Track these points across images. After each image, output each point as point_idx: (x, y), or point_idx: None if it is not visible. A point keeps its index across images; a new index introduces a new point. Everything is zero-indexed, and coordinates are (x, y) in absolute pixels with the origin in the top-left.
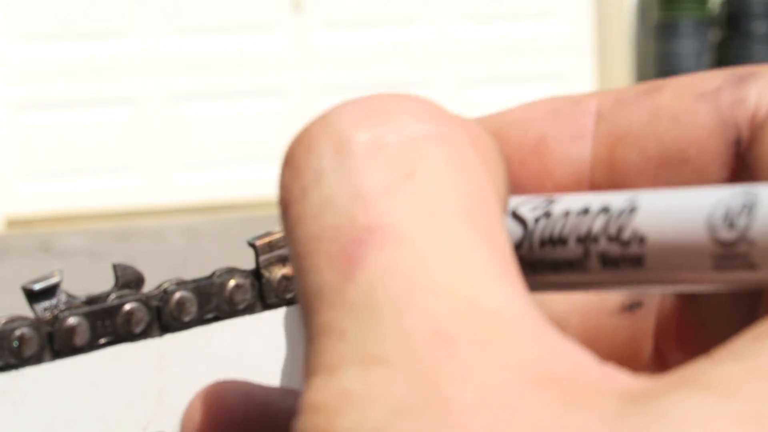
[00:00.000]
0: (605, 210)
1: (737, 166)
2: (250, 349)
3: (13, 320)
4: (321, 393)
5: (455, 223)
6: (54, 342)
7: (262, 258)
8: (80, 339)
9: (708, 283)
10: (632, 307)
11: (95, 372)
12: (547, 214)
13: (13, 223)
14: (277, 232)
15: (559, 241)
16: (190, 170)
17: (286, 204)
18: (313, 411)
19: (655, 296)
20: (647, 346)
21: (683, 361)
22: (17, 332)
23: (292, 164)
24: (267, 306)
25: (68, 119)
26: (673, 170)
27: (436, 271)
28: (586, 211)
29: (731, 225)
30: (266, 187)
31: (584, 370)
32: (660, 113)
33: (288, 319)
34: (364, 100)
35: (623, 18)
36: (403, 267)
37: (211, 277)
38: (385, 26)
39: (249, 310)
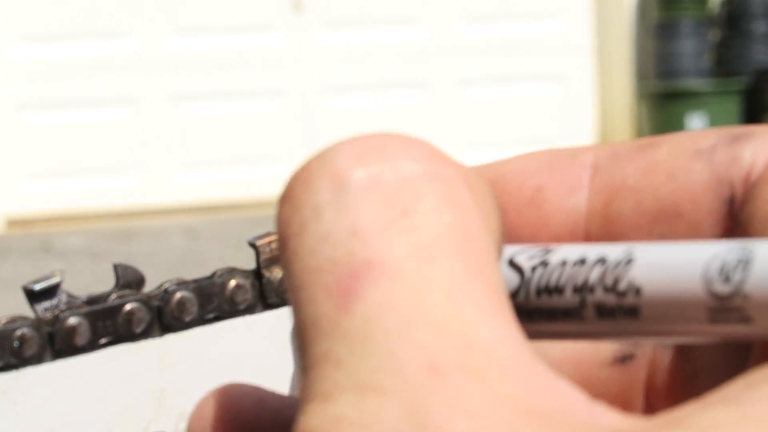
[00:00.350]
0: (602, 261)
1: (730, 224)
2: (251, 349)
3: (13, 320)
4: (315, 418)
5: (449, 259)
6: (55, 342)
7: (262, 258)
8: (81, 339)
9: (702, 335)
10: (624, 359)
11: (96, 372)
12: (544, 264)
13: (13, 223)
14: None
15: (556, 290)
16: (190, 170)
17: (284, 238)
18: None
19: (647, 350)
20: (638, 400)
21: None
22: (18, 332)
23: (290, 199)
24: (268, 306)
25: (68, 119)
26: (667, 225)
27: (431, 306)
28: (582, 262)
29: (727, 279)
30: (266, 187)
31: (575, 407)
32: (656, 168)
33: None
34: (362, 139)
35: (623, 18)
36: (398, 301)
37: (211, 277)
38: (385, 26)
39: (250, 310)
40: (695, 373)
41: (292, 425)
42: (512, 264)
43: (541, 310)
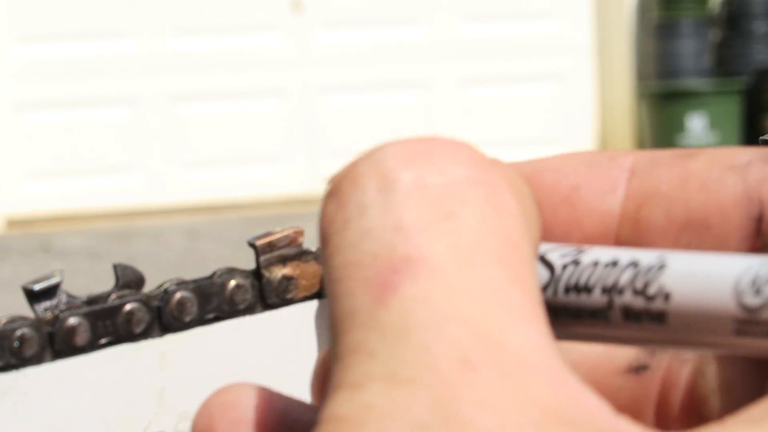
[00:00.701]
0: (634, 264)
1: (758, 242)
2: (251, 349)
3: (13, 320)
4: (344, 406)
5: (489, 263)
6: (54, 342)
7: (262, 258)
8: (81, 339)
9: (726, 347)
10: (639, 369)
11: (96, 372)
12: (576, 262)
13: (13, 223)
14: (277, 232)
15: (585, 289)
16: (190, 170)
17: (327, 234)
18: (334, 422)
19: (663, 363)
20: (648, 412)
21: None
22: (18, 332)
23: (336, 197)
24: (267, 306)
25: (68, 119)
26: (694, 235)
27: (467, 306)
28: (614, 264)
29: (758, 291)
30: (266, 187)
31: (600, 417)
32: (690, 178)
33: (318, 315)
34: (411, 142)
35: (623, 18)
36: (435, 298)
37: (211, 277)
38: (385, 26)
39: (249, 310)
40: (711, 393)
41: (297, 428)
42: (543, 260)
43: (568, 309)
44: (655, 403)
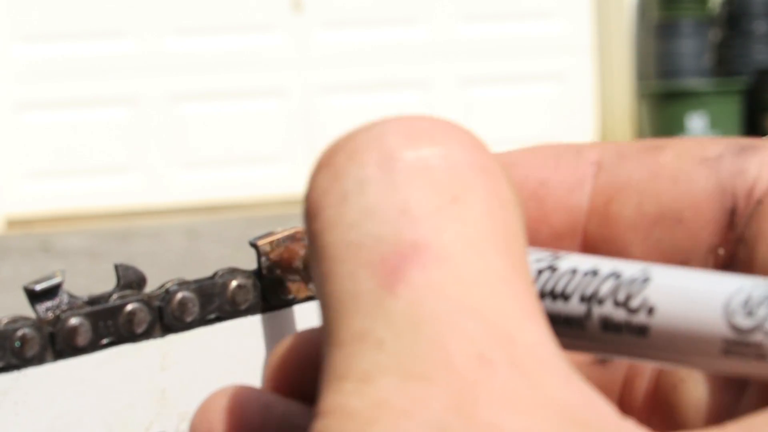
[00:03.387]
0: (616, 275)
1: (730, 235)
2: (252, 350)
3: (15, 321)
4: (354, 399)
5: (496, 254)
6: (56, 342)
7: (263, 259)
8: (82, 339)
9: (709, 366)
10: (605, 360)
11: (97, 372)
12: (552, 269)
13: (13, 223)
14: (279, 232)
15: (561, 296)
16: (190, 170)
17: (318, 206)
18: (342, 416)
19: None
20: (611, 402)
21: (648, 421)
22: (19, 332)
23: (331, 168)
24: (269, 307)
25: (68, 119)
26: (666, 229)
27: (478, 298)
28: (594, 273)
29: (750, 313)
30: (266, 187)
31: (610, 420)
32: (660, 172)
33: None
34: (411, 120)
35: (623, 18)
36: (446, 288)
37: (213, 277)
38: (385, 26)
39: (251, 310)
40: (679, 381)
41: None
42: None
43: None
44: (619, 393)
